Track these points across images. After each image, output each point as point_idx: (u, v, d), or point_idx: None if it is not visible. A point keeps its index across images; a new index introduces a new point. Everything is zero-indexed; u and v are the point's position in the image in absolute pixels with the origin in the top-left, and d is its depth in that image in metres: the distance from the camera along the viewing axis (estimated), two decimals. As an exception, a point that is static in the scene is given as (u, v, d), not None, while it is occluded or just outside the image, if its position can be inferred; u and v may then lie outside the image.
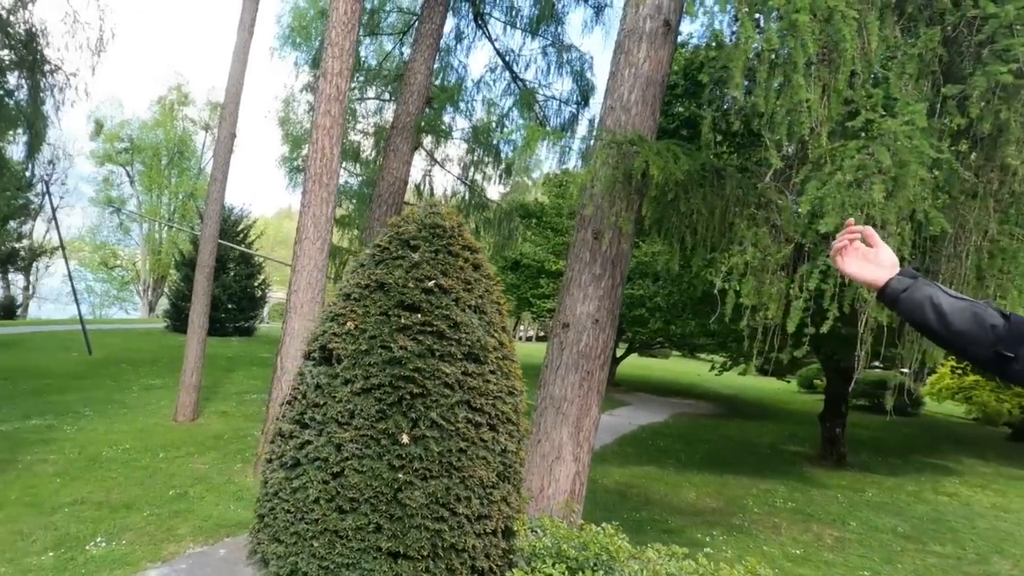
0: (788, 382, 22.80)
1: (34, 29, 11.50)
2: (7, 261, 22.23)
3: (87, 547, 4.94)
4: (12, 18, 11.50)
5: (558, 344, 4.93)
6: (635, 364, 26.47)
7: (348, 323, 2.57)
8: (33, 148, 12.39)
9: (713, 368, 14.14)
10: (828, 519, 7.79)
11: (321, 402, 2.51)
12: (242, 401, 10.87)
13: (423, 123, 11.11)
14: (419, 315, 2.55)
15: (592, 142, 5.61)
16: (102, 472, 6.73)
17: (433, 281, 2.60)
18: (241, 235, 21.37)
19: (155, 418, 9.29)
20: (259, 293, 21.36)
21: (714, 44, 5.69)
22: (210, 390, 10.81)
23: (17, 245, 22.56)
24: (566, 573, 2.51)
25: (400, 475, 2.39)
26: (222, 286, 20.26)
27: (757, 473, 9.98)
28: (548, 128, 12.57)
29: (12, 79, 11.80)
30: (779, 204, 4.27)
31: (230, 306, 20.51)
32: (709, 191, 4.43)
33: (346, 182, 15.78)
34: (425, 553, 2.38)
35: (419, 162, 13.18)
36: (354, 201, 16.04)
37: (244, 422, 9.39)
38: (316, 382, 2.56)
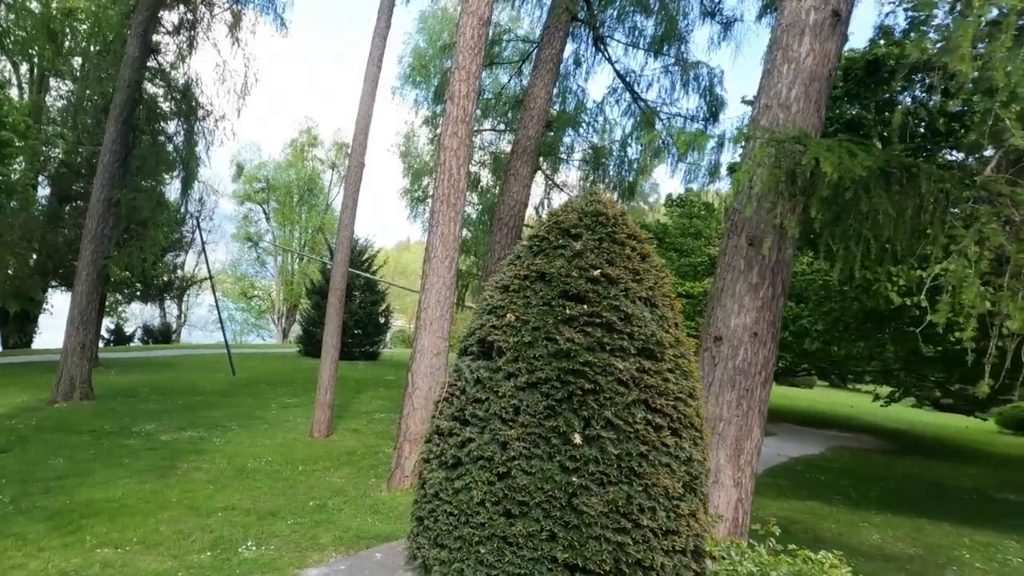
0: (984, 420, 19.65)
1: (191, 79, 13.31)
2: (164, 290, 25.58)
3: (240, 550, 5.27)
4: (173, 72, 13.38)
5: (709, 359, 4.55)
6: (775, 393, 24.41)
7: (508, 315, 2.47)
8: (187, 186, 14.19)
9: (877, 399, 12.54)
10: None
11: (482, 397, 2.41)
12: (372, 420, 11.35)
13: (542, 147, 11.24)
14: (585, 306, 2.39)
15: (737, 148, 5.25)
16: (249, 482, 7.23)
17: (599, 270, 2.44)
18: (366, 264, 22.86)
19: (293, 433, 9.93)
20: (383, 320, 22.61)
21: (922, 18, 5.11)
22: (342, 408, 11.42)
23: (173, 276, 25.89)
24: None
25: (574, 478, 2.20)
26: (349, 312, 21.68)
27: (966, 521, 8.54)
28: (671, 144, 12.22)
29: (172, 126, 13.71)
30: (1015, 197, 3.64)
31: (356, 331, 21.85)
32: (898, 190, 3.91)
33: (464, 211, 16.38)
34: (607, 568, 2.16)
35: (536, 189, 13.35)
36: (472, 228, 16.56)
37: (375, 439, 9.75)
38: (476, 376, 2.48)
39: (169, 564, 4.95)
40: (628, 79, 12.72)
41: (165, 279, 25.36)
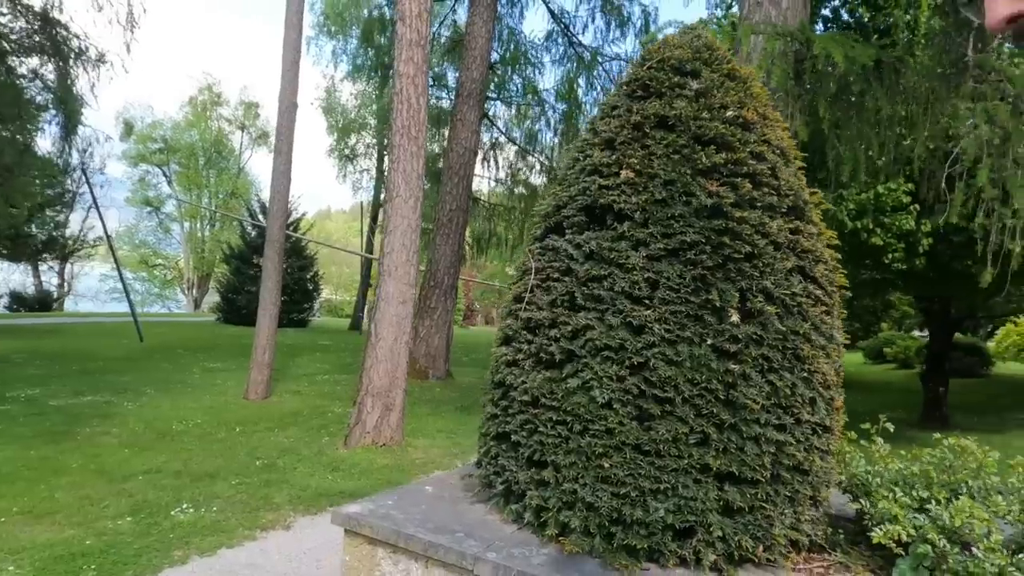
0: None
1: (48, 3, 10.78)
2: (43, 251, 21.76)
3: (172, 513, 4.29)
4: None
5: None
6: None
7: (624, 171, 1.83)
8: (68, 131, 11.85)
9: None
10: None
11: (601, 274, 1.76)
12: (313, 382, 10.22)
13: (490, 90, 10.48)
14: (727, 152, 1.81)
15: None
16: (175, 444, 6.07)
17: (732, 111, 1.86)
18: (292, 227, 20.97)
19: (224, 396, 8.64)
20: (311, 286, 20.94)
21: None
22: (278, 372, 10.09)
23: (55, 235, 22.03)
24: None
25: (732, 365, 1.63)
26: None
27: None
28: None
29: (34, 60, 11.22)
30: (1008, 73, 3.51)
31: (284, 298, 20.08)
32: (890, 83, 3.71)
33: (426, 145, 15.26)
34: (767, 475, 1.62)
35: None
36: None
37: (320, 400, 8.71)
38: (587, 250, 1.82)
39: (71, 532, 3.85)
40: (564, 20, 12.12)
41: (43, 238, 21.66)
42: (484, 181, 13.58)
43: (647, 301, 1.70)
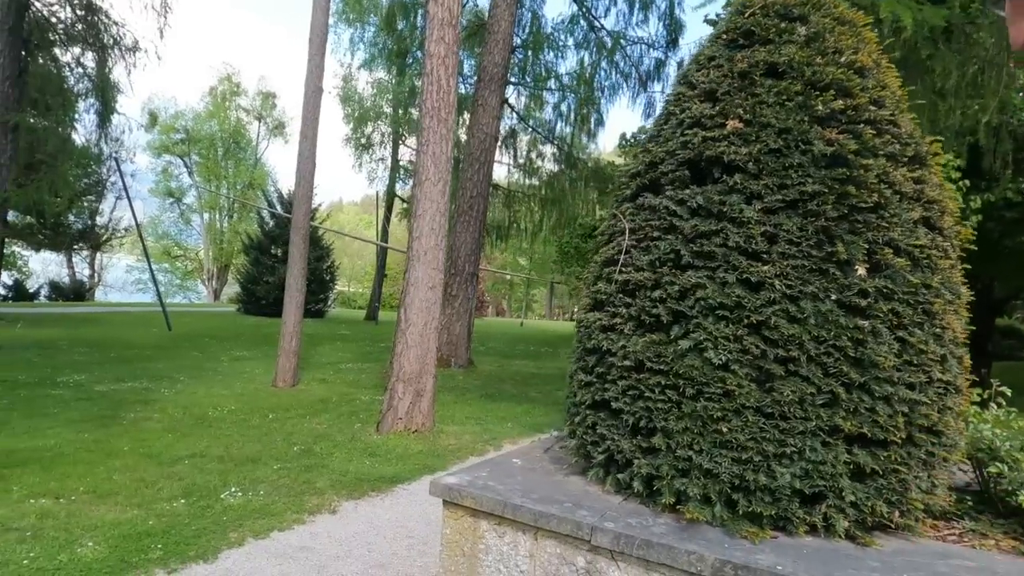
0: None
1: None
2: (79, 239, 21.87)
3: (221, 496, 4.26)
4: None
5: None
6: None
7: (730, 122, 1.71)
8: (104, 118, 11.86)
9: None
10: None
11: (712, 229, 1.64)
12: (338, 370, 10.19)
13: (511, 75, 10.31)
14: (846, 99, 1.68)
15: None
16: (214, 430, 6.05)
17: (847, 56, 1.73)
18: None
19: (254, 384, 8.63)
20: (327, 277, 20.93)
21: None
22: (303, 360, 10.08)
23: (89, 224, 22.12)
24: None
25: (861, 321, 1.51)
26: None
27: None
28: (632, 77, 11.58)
29: (77, 48, 11.22)
30: None
31: (302, 288, 20.14)
32: (959, 47, 3.52)
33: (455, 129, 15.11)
34: (900, 437, 1.50)
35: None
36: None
37: (347, 388, 8.67)
38: (693, 205, 1.69)
39: (134, 513, 3.86)
40: (586, 4, 11.84)
41: (80, 227, 21.77)
42: (502, 168, 13.42)
43: (764, 256, 1.58)
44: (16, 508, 3.84)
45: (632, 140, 16.99)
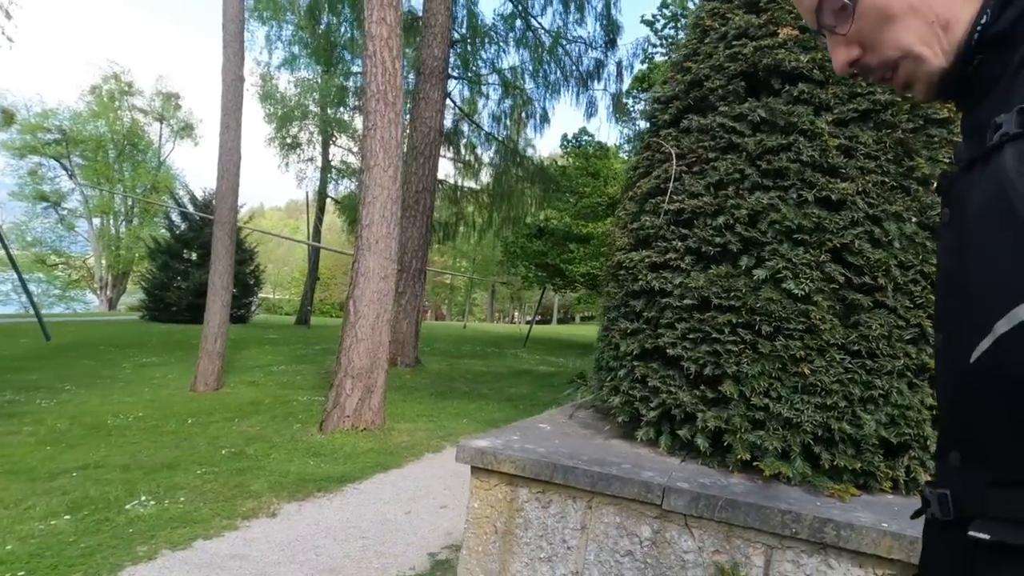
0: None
1: None
2: None
3: (126, 507, 3.55)
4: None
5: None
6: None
7: (783, 30, 1.50)
8: None
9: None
10: None
11: (782, 143, 1.41)
12: (269, 372, 9.24)
13: (451, 68, 9.99)
14: None
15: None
16: (114, 439, 5.15)
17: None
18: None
19: (166, 389, 7.61)
20: (252, 281, 19.37)
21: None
22: (226, 364, 9.12)
23: None
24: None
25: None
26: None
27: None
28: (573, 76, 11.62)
29: None
30: None
31: (221, 292, 18.50)
32: None
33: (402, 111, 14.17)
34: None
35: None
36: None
37: (281, 389, 7.84)
38: (756, 119, 1.45)
39: None
40: (522, 3, 11.72)
41: None
42: (447, 164, 13.01)
43: (843, 171, 1.37)
44: None
45: (574, 141, 17.13)
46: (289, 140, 18.48)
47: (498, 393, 8.48)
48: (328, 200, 20.81)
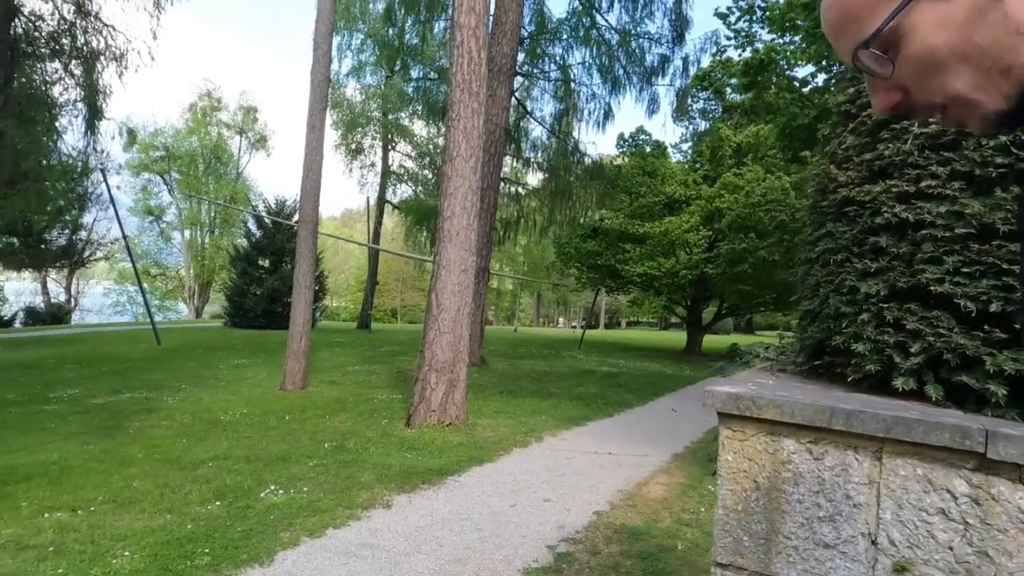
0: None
1: None
2: (63, 256, 20.41)
3: (261, 495, 3.82)
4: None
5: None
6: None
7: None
8: (91, 124, 11.09)
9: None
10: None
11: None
12: (345, 372, 9.68)
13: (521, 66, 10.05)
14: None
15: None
16: (230, 433, 5.56)
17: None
18: (292, 228, 20.30)
19: (260, 388, 8.11)
20: (317, 287, 20.22)
21: None
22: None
23: (75, 238, 20.67)
24: None
25: None
26: (281, 278, 19.17)
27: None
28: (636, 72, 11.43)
29: (65, 47, 10.46)
30: None
31: (289, 299, 19.40)
32: None
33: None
34: None
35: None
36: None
37: (361, 388, 8.19)
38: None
39: (165, 519, 3.42)
40: None
41: (63, 243, 20.40)
42: (507, 160, 13.12)
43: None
44: (28, 525, 3.35)
45: (631, 140, 16.89)
46: (353, 146, 19.19)
47: (567, 392, 8.48)
48: (387, 205, 21.44)
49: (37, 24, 10.41)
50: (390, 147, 20.44)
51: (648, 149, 16.36)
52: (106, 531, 3.26)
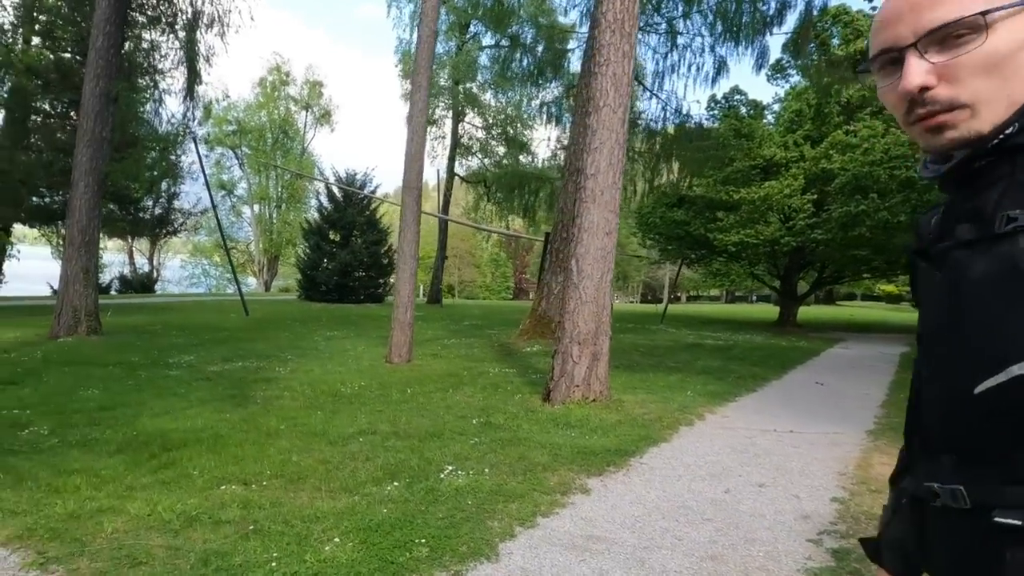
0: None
1: None
2: (159, 224, 21.13)
3: (441, 476, 3.44)
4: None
5: None
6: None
7: None
8: (191, 87, 10.91)
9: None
10: None
11: None
12: (444, 346, 9.37)
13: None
14: None
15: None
16: (359, 406, 5.27)
17: None
18: (365, 200, 20.26)
19: (365, 360, 7.87)
20: (386, 260, 20.21)
21: None
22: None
23: (169, 208, 21.36)
24: None
25: None
26: (352, 252, 19.24)
27: None
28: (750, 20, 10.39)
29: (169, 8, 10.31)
30: None
31: (360, 273, 19.45)
32: None
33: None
34: None
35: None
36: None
37: (468, 362, 7.83)
38: None
39: (348, 500, 3.08)
40: None
41: (159, 211, 21.13)
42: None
43: None
44: (210, 497, 3.09)
45: (724, 102, 15.71)
46: (431, 115, 18.82)
47: (688, 366, 7.87)
48: (456, 178, 21.04)
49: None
50: (460, 118, 19.95)
51: (744, 111, 15.15)
52: (291, 510, 2.95)
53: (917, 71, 0.62)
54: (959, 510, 0.65)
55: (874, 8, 8.73)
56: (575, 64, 13.89)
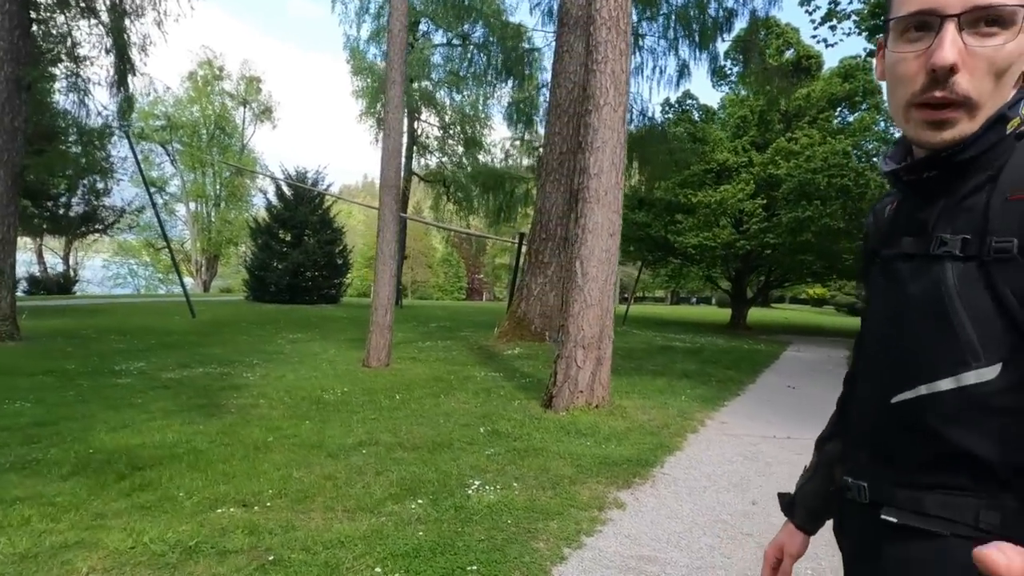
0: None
1: None
2: (83, 223, 19.25)
3: (468, 492, 3.22)
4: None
5: None
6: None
7: None
8: (122, 77, 10.03)
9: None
10: None
11: None
12: (420, 349, 9.03)
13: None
14: None
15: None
16: (350, 414, 4.95)
17: None
18: (317, 199, 19.40)
19: (342, 365, 7.46)
20: (340, 261, 19.43)
21: None
22: (362, 343, 8.90)
23: (98, 204, 19.47)
24: None
25: None
26: (304, 252, 18.38)
27: None
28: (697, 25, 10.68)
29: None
30: None
31: (314, 274, 18.60)
32: None
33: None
34: None
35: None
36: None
37: (451, 366, 7.56)
38: None
39: (371, 521, 2.83)
40: None
41: (84, 209, 19.25)
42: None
43: None
44: (205, 522, 2.74)
45: (676, 106, 16.09)
46: (379, 116, 18.32)
47: (669, 370, 7.93)
48: (413, 176, 20.57)
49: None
50: (416, 116, 19.52)
51: (696, 115, 15.61)
52: (309, 534, 2.66)
53: (954, 47, 0.59)
54: (860, 504, 0.71)
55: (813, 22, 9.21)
56: (546, 63, 13.89)
